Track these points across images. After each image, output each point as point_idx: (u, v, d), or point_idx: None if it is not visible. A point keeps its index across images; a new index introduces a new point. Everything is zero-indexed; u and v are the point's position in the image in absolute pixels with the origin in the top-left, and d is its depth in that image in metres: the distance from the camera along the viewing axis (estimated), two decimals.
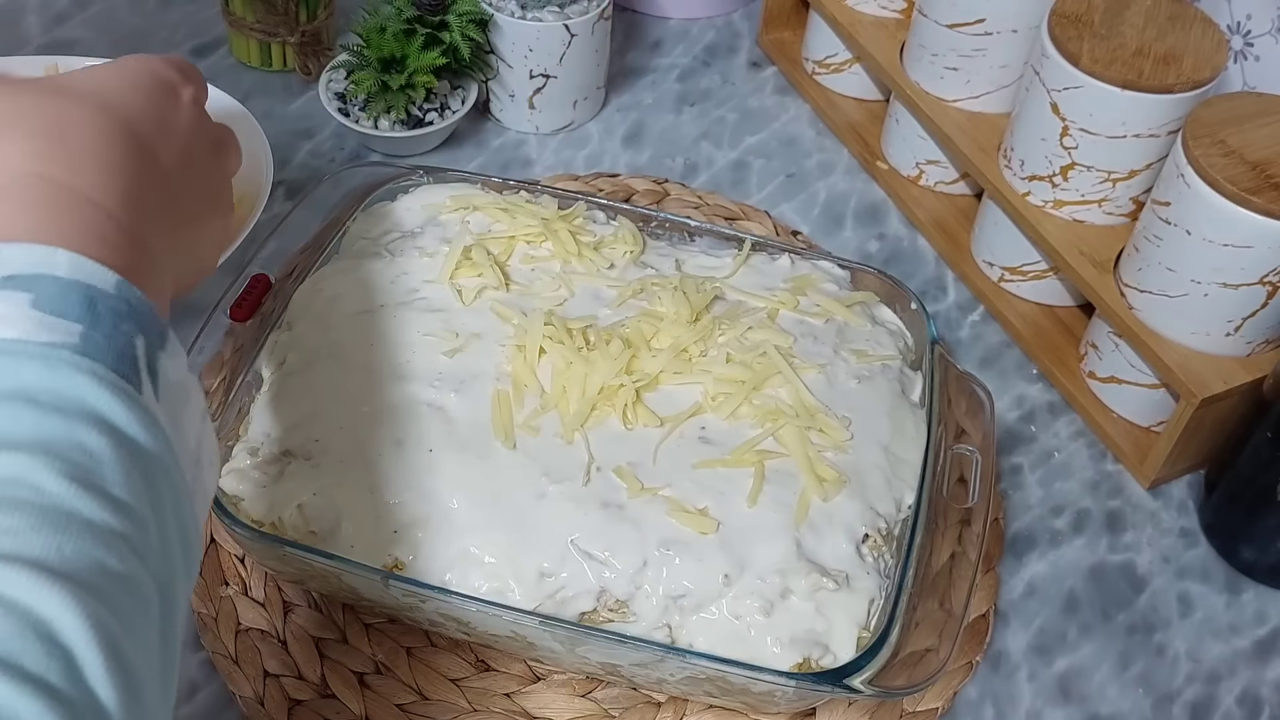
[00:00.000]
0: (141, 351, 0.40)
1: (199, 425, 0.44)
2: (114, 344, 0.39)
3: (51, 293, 0.38)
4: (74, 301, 0.39)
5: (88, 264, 0.40)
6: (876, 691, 0.56)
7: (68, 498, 0.35)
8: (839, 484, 0.61)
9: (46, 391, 0.37)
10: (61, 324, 0.38)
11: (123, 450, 0.37)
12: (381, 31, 0.85)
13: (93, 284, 0.39)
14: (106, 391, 0.38)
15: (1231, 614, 0.72)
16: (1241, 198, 0.66)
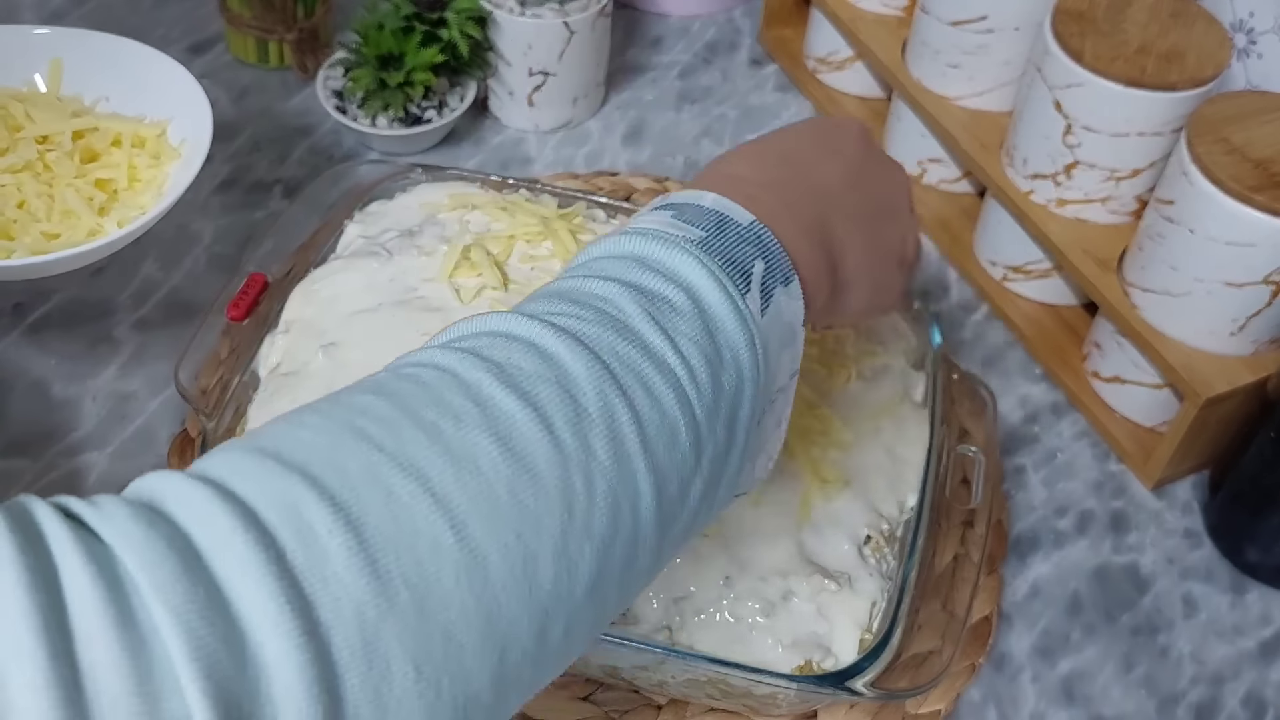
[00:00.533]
0: (758, 272, 0.44)
1: (786, 378, 0.47)
2: (729, 253, 0.44)
3: (692, 212, 0.45)
4: (707, 219, 0.45)
5: (728, 203, 0.46)
6: (879, 694, 0.56)
7: (638, 321, 0.41)
8: (841, 485, 0.61)
9: (655, 259, 0.43)
10: (690, 229, 0.44)
11: (702, 320, 0.42)
12: (379, 29, 0.85)
13: (728, 214, 0.45)
14: (708, 276, 0.43)
15: (1236, 615, 0.71)
16: (1245, 196, 0.66)
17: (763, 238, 0.45)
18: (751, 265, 0.44)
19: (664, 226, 0.45)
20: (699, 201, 0.46)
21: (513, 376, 0.37)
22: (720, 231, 0.45)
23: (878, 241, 0.52)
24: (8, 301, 0.79)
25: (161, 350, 0.77)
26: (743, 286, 0.44)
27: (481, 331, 0.40)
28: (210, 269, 0.82)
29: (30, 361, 0.76)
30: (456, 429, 0.35)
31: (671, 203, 0.46)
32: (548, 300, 0.41)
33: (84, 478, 0.71)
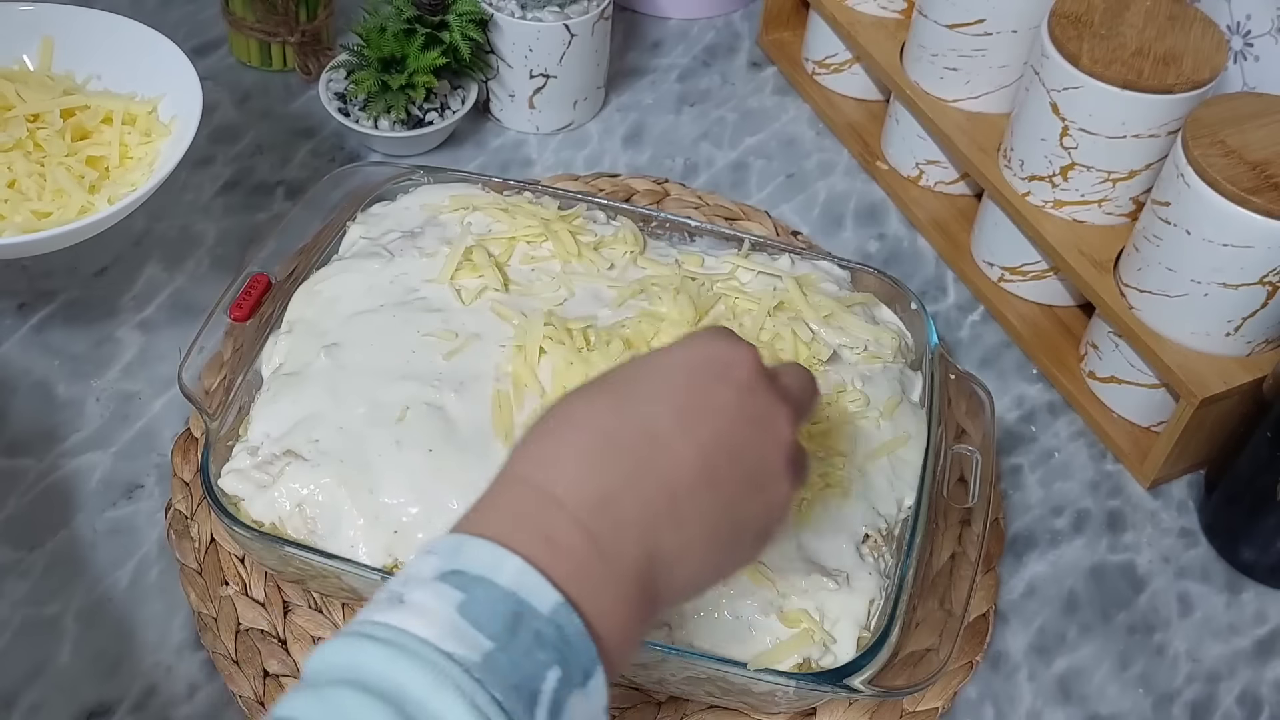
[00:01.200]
0: (550, 686, 0.38)
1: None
2: (519, 671, 0.38)
3: (483, 600, 0.38)
4: (498, 615, 0.38)
5: (532, 579, 0.39)
6: (877, 691, 0.56)
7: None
8: (840, 485, 0.61)
9: (417, 705, 0.36)
10: (474, 637, 0.38)
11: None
12: (381, 31, 0.85)
13: (527, 602, 0.39)
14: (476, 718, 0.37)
15: (1231, 614, 0.72)
16: (1241, 198, 0.66)
17: (565, 630, 0.39)
18: (540, 681, 0.38)
19: (443, 634, 0.38)
20: (495, 576, 0.39)
21: None
22: (512, 636, 0.38)
23: (730, 530, 0.45)
24: (12, 302, 0.79)
25: (165, 351, 0.77)
26: (525, 715, 0.38)
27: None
28: (213, 270, 0.82)
29: (34, 361, 0.76)
30: None
31: (462, 572, 0.39)
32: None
33: (87, 478, 0.71)
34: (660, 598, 0.42)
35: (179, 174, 0.87)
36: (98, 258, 0.82)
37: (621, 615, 0.41)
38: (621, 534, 0.41)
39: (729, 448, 0.44)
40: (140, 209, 0.85)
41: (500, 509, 0.42)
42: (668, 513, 0.42)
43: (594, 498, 0.41)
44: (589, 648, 0.39)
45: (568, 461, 0.42)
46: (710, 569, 0.45)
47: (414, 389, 0.63)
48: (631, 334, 0.65)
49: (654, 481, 0.42)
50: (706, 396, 0.45)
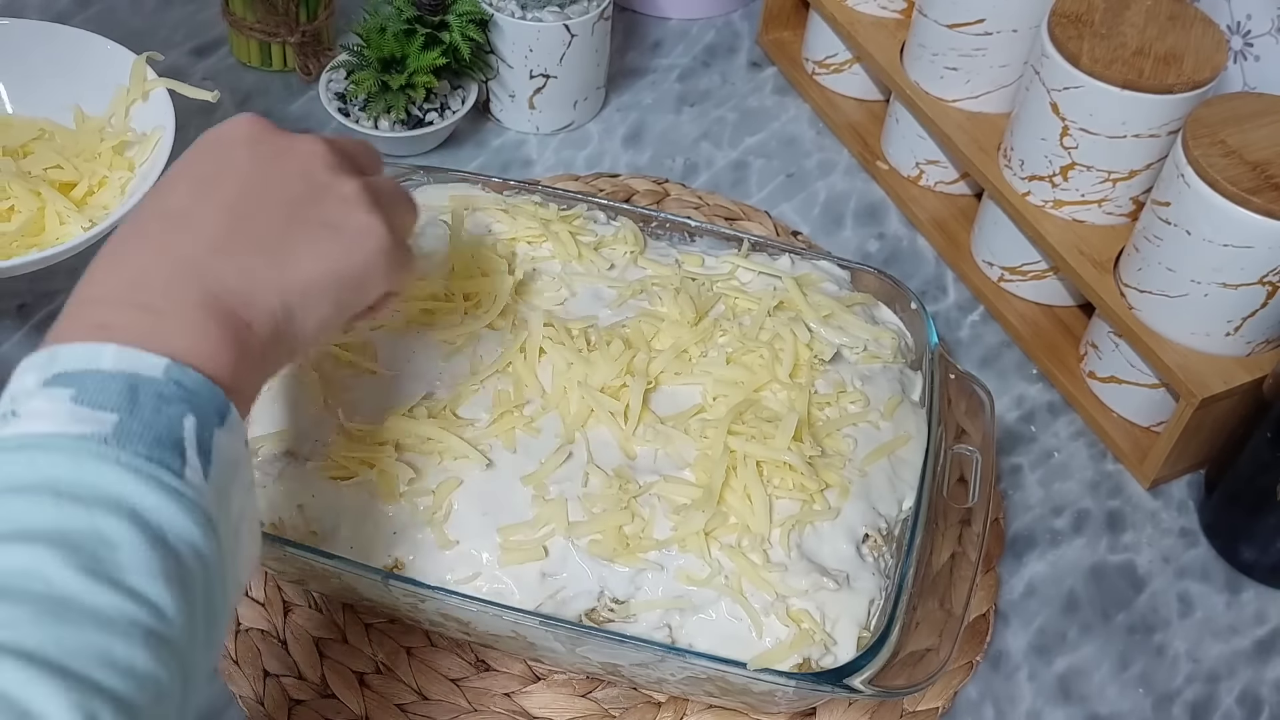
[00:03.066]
0: (190, 431, 0.40)
1: (243, 497, 0.44)
2: (153, 429, 0.40)
3: (94, 386, 0.40)
4: (114, 392, 0.40)
5: (132, 354, 0.41)
6: (877, 691, 0.56)
7: (75, 588, 0.36)
8: (840, 485, 0.61)
9: (70, 483, 0.38)
10: (96, 415, 0.39)
11: (145, 536, 0.38)
12: (381, 32, 0.85)
13: (138, 373, 0.40)
14: (132, 478, 0.38)
15: (1231, 614, 0.72)
16: (1241, 198, 0.66)
17: (183, 382, 0.41)
18: (181, 429, 0.40)
19: (66, 423, 0.39)
20: (98, 365, 0.40)
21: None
22: (134, 404, 0.39)
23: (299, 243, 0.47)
24: (12, 302, 0.79)
25: None
26: (178, 463, 0.40)
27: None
28: None
29: None
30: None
31: (64, 373, 0.40)
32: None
33: None
34: (265, 316, 0.45)
35: None
36: None
37: (224, 350, 0.43)
38: (173, 290, 0.43)
39: (258, 188, 0.47)
40: None
41: (62, 327, 0.43)
42: (215, 254, 0.45)
43: (127, 280, 0.44)
44: (214, 390, 0.42)
45: (95, 273, 0.45)
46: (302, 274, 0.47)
47: (414, 389, 0.63)
48: (631, 334, 0.65)
49: (184, 243, 0.45)
50: (216, 163, 0.48)
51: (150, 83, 0.80)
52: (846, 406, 0.65)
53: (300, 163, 0.49)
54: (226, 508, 0.42)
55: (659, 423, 0.62)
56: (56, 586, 0.36)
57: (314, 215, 0.48)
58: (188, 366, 0.41)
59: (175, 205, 0.47)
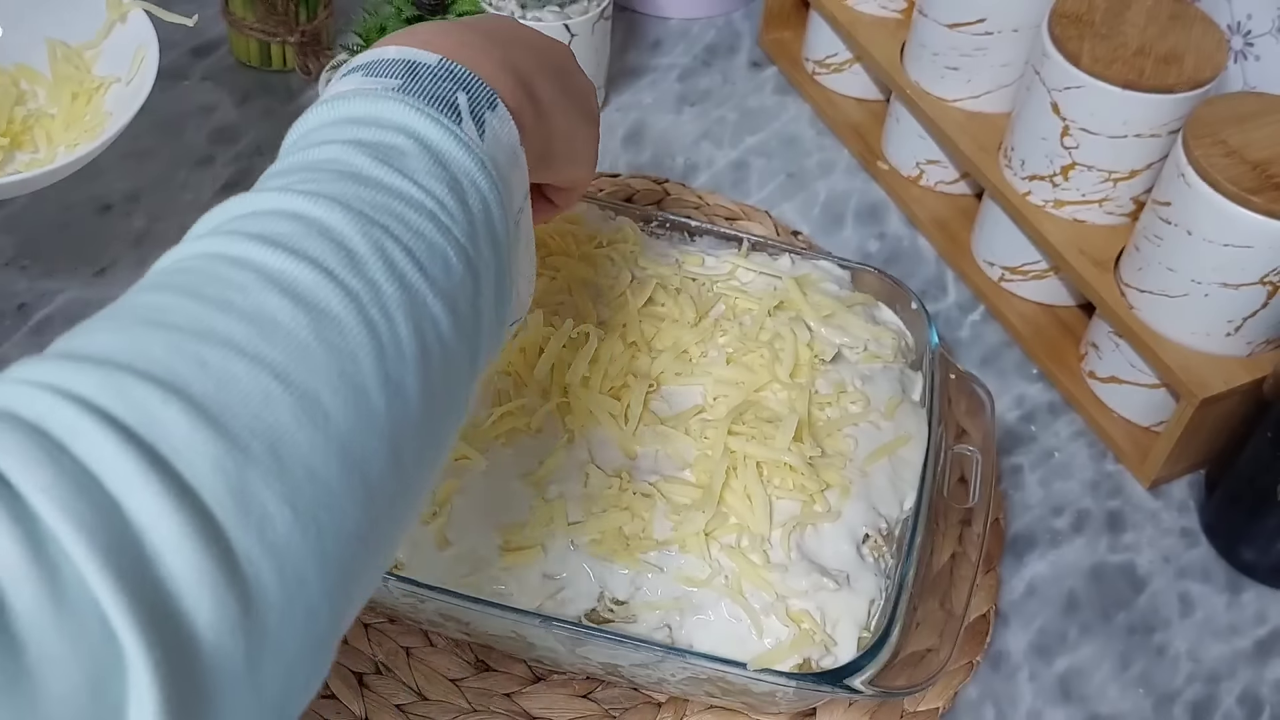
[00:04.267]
0: (463, 103, 0.45)
1: (522, 198, 0.48)
2: (430, 92, 0.45)
3: (380, 67, 0.46)
4: (396, 68, 0.46)
5: (412, 50, 0.47)
6: (877, 692, 0.56)
7: (373, 169, 0.41)
8: (841, 485, 0.61)
9: (363, 115, 0.43)
10: (382, 80, 0.45)
11: (431, 155, 0.43)
12: (381, 31, 0.85)
13: (416, 60, 0.46)
14: (414, 113, 0.43)
15: (1232, 614, 0.72)
16: (1242, 198, 0.66)
17: (455, 72, 0.46)
18: (455, 98, 0.45)
19: (359, 85, 0.45)
20: (382, 56, 0.47)
21: (277, 241, 0.37)
22: (413, 76, 0.45)
23: (563, 88, 0.53)
24: (12, 302, 0.79)
25: None
26: (453, 118, 0.45)
27: (231, 215, 0.40)
28: None
29: None
30: (244, 296, 0.36)
31: (356, 65, 0.47)
32: (279, 177, 0.42)
33: None
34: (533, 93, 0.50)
35: (179, 174, 0.88)
36: (98, 257, 0.82)
37: (502, 78, 0.48)
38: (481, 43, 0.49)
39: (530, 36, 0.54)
40: (140, 209, 0.85)
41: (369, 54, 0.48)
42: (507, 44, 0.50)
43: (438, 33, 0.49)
44: (483, 85, 0.46)
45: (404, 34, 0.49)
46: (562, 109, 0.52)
47: None
48: (632, 334, 0.65)
49: (484, 31, 0.51)
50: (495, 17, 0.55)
51: (127, 4, 0.81)
52: (847, 407, 0.65)
53: (564, 48, 0.56)
54: (507, 186, 0.46)
55: (659, 423, 0.62)
56: (356, 167, 0.41)
57: (572, 85, 0.55)
58: (458, 63, 0.46)
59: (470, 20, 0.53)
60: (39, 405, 0.31)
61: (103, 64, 0.82)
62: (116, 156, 0.83)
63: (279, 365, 0.34)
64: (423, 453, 0.39)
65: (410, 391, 0.38)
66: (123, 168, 0.86)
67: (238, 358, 0.34)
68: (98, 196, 0.85)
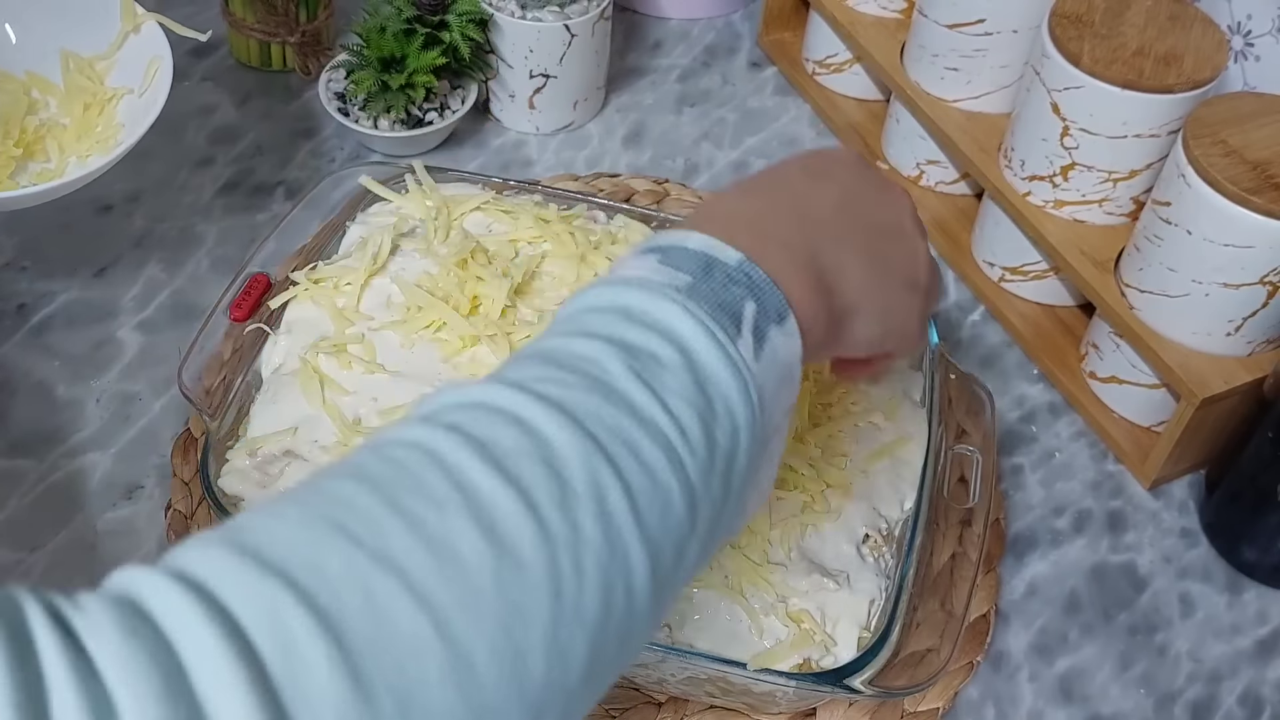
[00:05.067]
0: (749, 314, 0.43)
1: (783, 416, 0.46)
2: (718, 296, 0.43)
3: (678, 256, 0.44)
4: (693, 262, 0.44)
5: (714, 242, 0.45)
6: (877, 692, 0.56)
7: (624, 382, 0.40)
8: (842, 485, 0.61)
9: (641, 311, 0.42)
10: (675, 273, 0.44)
11: (691, 372, 0.41)
12: (381, 31, 0.85)
13: (714, 255, 0.44)
14: (692, 323, 0.42)
15: (1233, 614, 0.71)
16: (1242, 198, 0.66)
17: (752, 275, 0.44)
18: (742, 307, 0.43)
19: (649, 273, 0.44)
20: (684, 244, 0.45)
21: (496, 455, 0.36)
22: (707, 274, 0.44)
23: (880, 263, 0.50)
24: (12, 303, 0.79)
25: (164, 351, 0.77)
26: (733, 332, 0.43)
27: (464, 403, 0.38)
28: (213, 271, 0.82)
29: (34, 363, 0.76)
30: (439, 517, 0.34)
31: (658, 245, 0.45)
32: (530, 364, 0.40)
33: (87, 478, 0.71)
34: (835, 296, 0.47)
35: (179, 174, 0.88)
36: (98, 258, 0.82)
37: (800, 284, 0.45)
38: (788, 229, 0.47)
39: (856, 197, 0.51)
40: (140, 210, 0.85)
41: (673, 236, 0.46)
42: (814, 226, 0.48)
43: (749, 215, 0.48)
44: (777, 293, 0.44)
45: (719, 200, 0.50)
46: (874, 288, 0.49)
47: (414, 389, 0.63)
48: None
49: (798, 209, 0.49)
50: (825, 166, 0.52)
51: (141, 16, 0.81)
52: (848, 407, 0.65)
53: (898, 200, 0.53)
54: (770, 403, 0.44)
55: None
56: (609, 375, 0.40)
57: (894, 252, 0.51)
58: (758, 266, 0.44)
59: (794, 180, 0.51)
60: (178, 616, 0.31)
61: (116, 75, 0.82)
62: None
63: (444, 612, 0.33)
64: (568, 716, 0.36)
65: (575, 657, 0.35)
66: (123, 168, 0.86)
67: (405, 596, 0.33)
68: (98, 197, 0.85)
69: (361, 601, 0.32)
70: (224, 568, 0.32)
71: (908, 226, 0.52)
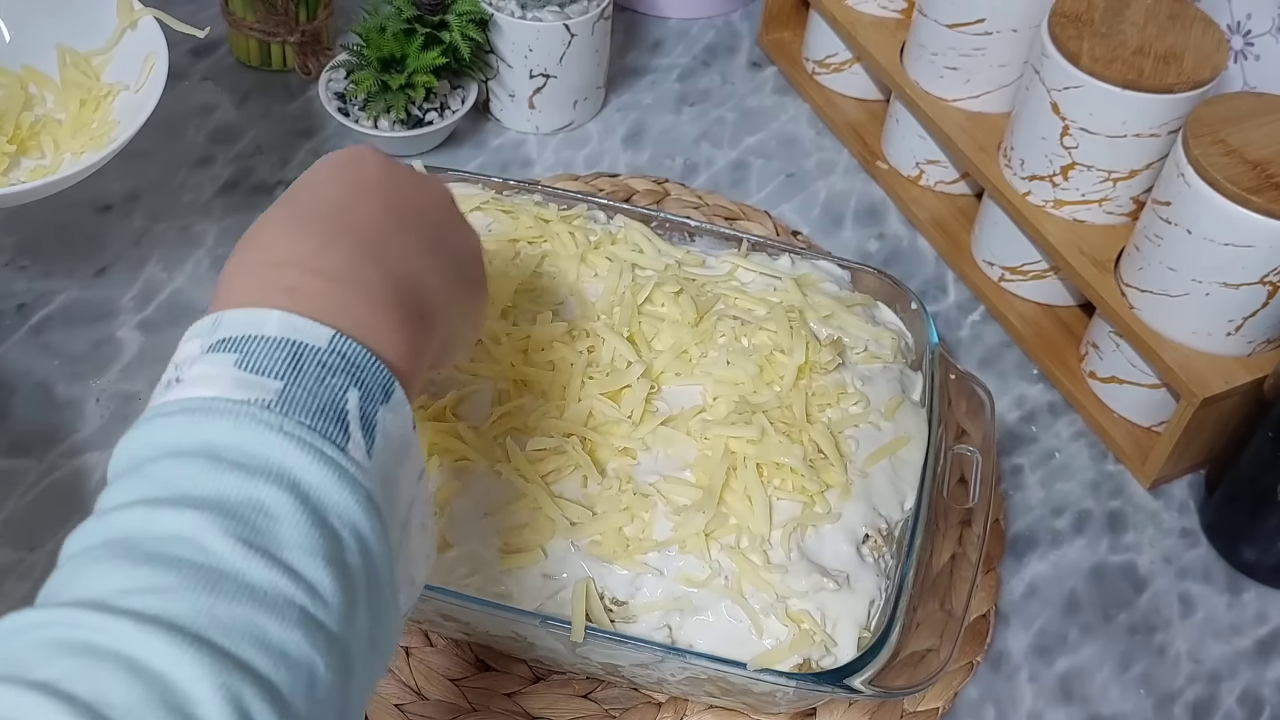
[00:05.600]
0: (354, 405, 0.39)
1: (414, 487, 0.43)
2: (317, 398, 0.38)
3: (258, 352, 0.39)
4: (277, 357, 0.39)
5: (297, 321, 0.40)
6: (877, 692, 0.56)
7: (231, 559, 0.34)
8: (841, 486, 0.61)
9: (231, 449, 0.36)
10: (260, 381, 0.38)
11: (306, 512, 0.37)
12: (381, 31, 0.85)
13: (302, 341, 0.39)
14: (294, 448, 0.37)
15: (1232, 614, 0.71)
16: (1242, 197, 0.66)
17: (348, 355, 0.40)
18: (344, 402, 0.39)
19: (230, 388, 0.38)
20: (262, 331, 0.39)
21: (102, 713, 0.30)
22: (297, 371, 0.39)
23: (451, 264, 0.47)
24: (12, 302, 0.79)
25: (165, 351, 0.76)
26: (341, 438, 0.38)
27: (47, 644, 0.32)
28: (213, 270, 0.82)
29: (34, 362, 0.76)
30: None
31: (231, 339, 0.39)
32: (117, 565, 0.34)
33: (87, 478, 0.71)
34: (423, 316, 0.44)
35: (179, 174, 0.87)
36: (98, 258, 0.82)
37: (395, 332, 0.42)
38: (353, 264, 0.42)
39: (403, 200, 0.47)
40: (140, 209, 0.85)
41: (235, 289, 0.41)
42: (380, 244, 0.44)
43: (310, 249, 0.42)
44: (379, 367, 0.40)
45: (271, 240, 0.43)
46: (452, 293, 0.47)
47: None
48: (632, 333, 0.65)
49: (353, 231, 0.44)
50: (359, 173, 0.47)
51: (138, 11, 0.81)
52: (847, 408, 0.65)
53: (440, 192, 0.50)
54: (393, 493, 0.41)
55: (659, 423, 0.62)
56: (212, 555, 0.34)
57: (452, 246, 0.49)
58: (353, 340, 0.40)
59: (334, 197, 0.46)
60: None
61: (112, 71, 0.81)
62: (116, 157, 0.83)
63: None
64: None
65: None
66: (123, 168, 0.86)
67: None
68: (98, 196, 0.85)
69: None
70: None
71: (457, 218, 0.50)
